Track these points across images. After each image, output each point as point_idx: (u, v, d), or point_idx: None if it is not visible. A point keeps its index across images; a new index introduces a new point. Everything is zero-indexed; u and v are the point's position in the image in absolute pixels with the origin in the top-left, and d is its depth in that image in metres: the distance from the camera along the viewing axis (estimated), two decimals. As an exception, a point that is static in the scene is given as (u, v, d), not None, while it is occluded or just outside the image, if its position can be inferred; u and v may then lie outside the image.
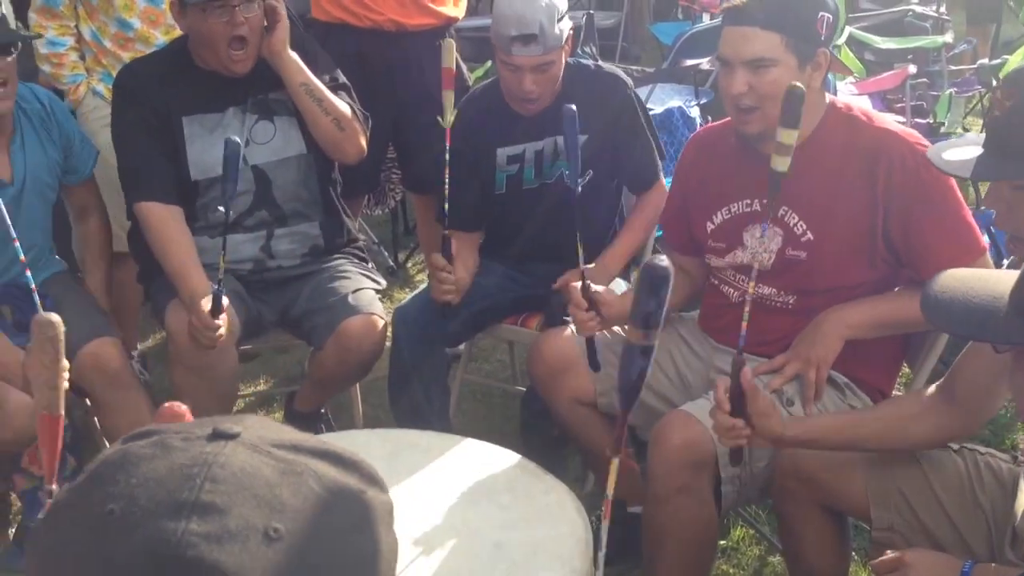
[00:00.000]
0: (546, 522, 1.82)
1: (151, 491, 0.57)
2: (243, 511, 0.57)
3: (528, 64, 2.42)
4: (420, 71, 3.12)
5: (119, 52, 2.95)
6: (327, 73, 2.63)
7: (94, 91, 2.98)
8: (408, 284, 4.10)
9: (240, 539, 0.56)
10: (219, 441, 0.61)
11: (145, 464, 0.59)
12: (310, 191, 2.65)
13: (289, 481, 0.59)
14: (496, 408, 3.21)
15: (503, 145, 2.60)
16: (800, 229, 2.03)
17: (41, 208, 2.55)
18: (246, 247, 2.59)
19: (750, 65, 1.93)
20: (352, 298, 2.54)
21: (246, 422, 0.64)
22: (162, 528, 0.55)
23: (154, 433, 0.62)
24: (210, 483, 0.57)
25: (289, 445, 0.62)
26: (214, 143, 2.50)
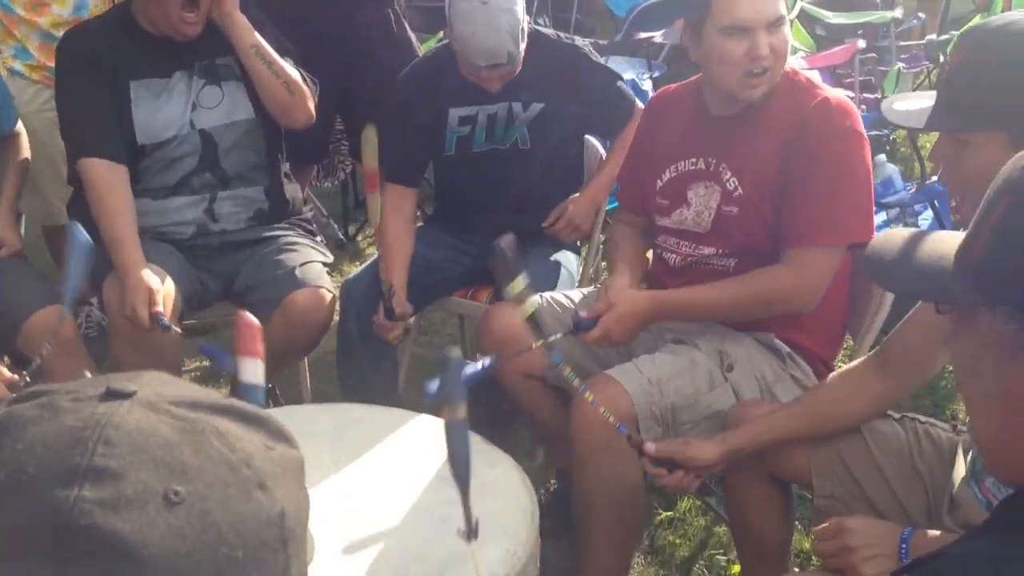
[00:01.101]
0: (491, 495, 1.81)
1: (39, 456, 0.54)
2: (140, 475, 0.54)
3: (497, 76, 2.46)
4: (368, 39, 3.08)
5: (33, 18, 2.84)
6: (275, 42, 2.58)
7: (12, 71, 2.86)
8: (358, 257, 4.07)
9: (138, 505, 0.53)
10: (113, 401, 0.58)
11: (32, 427, 0.56)
12: (257, 156, 2.61)
13: (189, 440, 0.57)
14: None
15: (456, 105, 2.58)
16: (732, 184, 2.07)
17: None
18: (189, 210, 2.55)
19: (770, 27, 1.96)
20: (299, 271, 2.50)
21: (143, 379, 0.61)
22: (53, 497, 0.53)
23: (42, 394, 0.60)
24: (103, 446, 0.55)
25: (189, 402, 0.60)
26: (160, 107, 2.47)
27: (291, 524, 0.60)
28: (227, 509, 0.56)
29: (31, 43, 2.80)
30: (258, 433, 0.61)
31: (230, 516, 0.56)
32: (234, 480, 0.57)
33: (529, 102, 2.58)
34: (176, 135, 2.49)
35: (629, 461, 1.97)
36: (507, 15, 2.36)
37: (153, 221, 2.50)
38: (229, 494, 0.57)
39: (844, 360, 2.68)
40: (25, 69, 2.82)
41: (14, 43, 2.85)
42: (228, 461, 0.58)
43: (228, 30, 2.47)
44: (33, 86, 2.64)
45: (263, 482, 0.59)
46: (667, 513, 2.53)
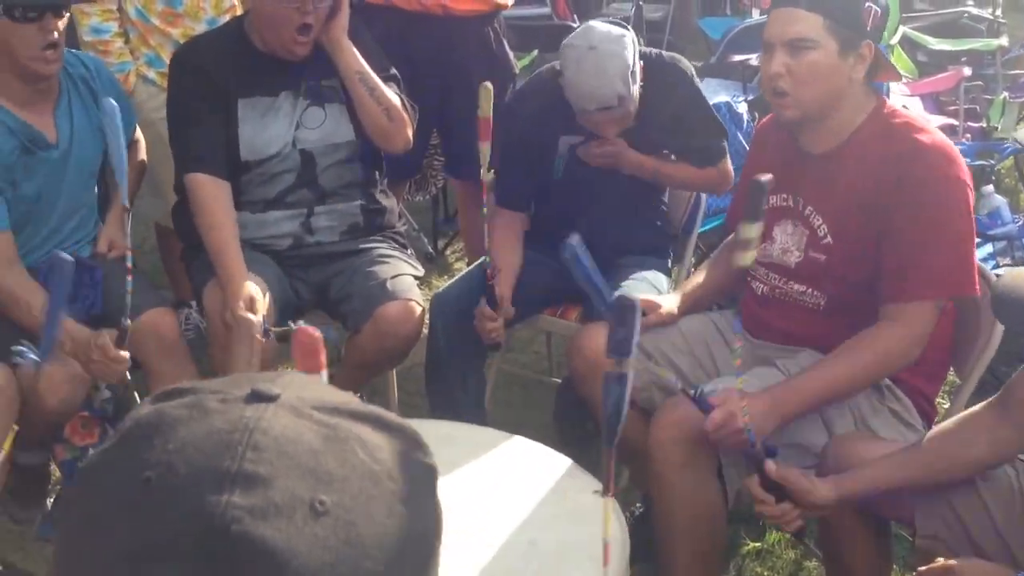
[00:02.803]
0: (580, 521, 1.80)
1: (190, 458, 0.54)
2: (288, 482, 0.53)
3: (608, 119, 2.47)
4: (466, 57, 3.10)
5: (167, 29, 2.95)
6: (379, 64, 2.62)
7: (144, 78, 2.97)
8: (446, 271, 4.09)
9: (286, 513, 0.52)
10: (258, 403, 0.57)
11: (182, 427, 0.55)
12: (354, 175, 2.66)
13: (334, 448, 0.56)
14: (532, 399, 3.19)
15: (567, 133, 2.60)
16: (822, 232, 2.02)
17: (86, 172, 2.57)
18: (286, 223, 2.60)
19: (790, 46, 1.93)
20: (391, 283, 2.53)
21: (284, 380, 0.60)
22: (204, 501, 0.52)
23: (187, 392, 0.59)
24: (252, 451, 0.54)
25: (331, 407, 0.59)
26: (266, 126, 2.53)
27: (430, 540, 0.59)
28: (371, 522, 0.55)
29: (164, 52, 2.90)
30: (396, 442, 0.59)
31: (374, 529, 0.55)
32: (377, 492, 0.56)
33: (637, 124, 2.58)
34: (278, 153, 2.55)
35: (708, 480, 1.95)
36: (616, 60, 2.37)
37: (251, 233, 2.55)
38: (373, 507, 0.55)
39: (945, 395, 2.59)
40: (157, 77, 2.92)
41: (148, 51, 2.96)
42: (372, 472, 0.56)
43: (335, 55, 2.52)
44: (163, 94, 2.73)
45: (405, 496, 0.57)
46: (754, 543, 2.47)
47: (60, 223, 2.52)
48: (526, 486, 1.90)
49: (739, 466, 1.96)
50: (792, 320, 2.10)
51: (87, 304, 2.42)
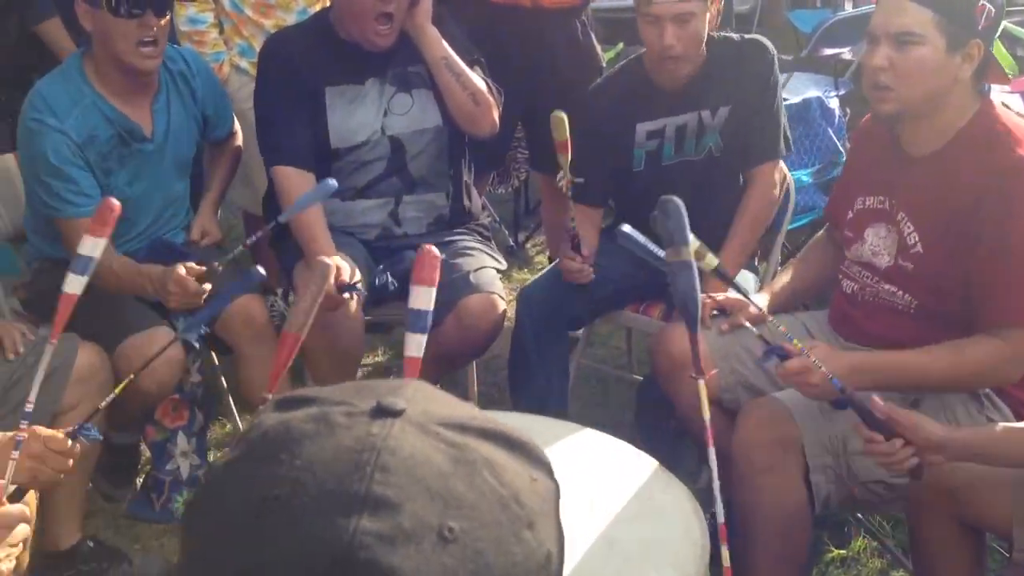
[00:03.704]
0: (661, 521, 1.78)
1: (318, 478, 0.52)
2: (416, 507, 0.52)
3: (668, 13, 2.35)
4: (553, 49, 3.09)
5: (260, 20, 3.00)
6: (464, 49, 2.63)
7: (237, 68, 3.03)
8: (527, 265, 4.09)
9: (415, 540, 0.51)
10: (384, 419, 0.55)
11: (309, 443, 0.54)
12: (442, 162, 2.68)
13: (462, 471, 0.54)
14: (611, 395, 3.17)
15: (643, 120, 2.56)
16: (912, 240, 1.95)
17: (180, 165, 2.63)
18: (375, 213, 2.63)
19: (895, 39, 1.86)
20: (474, 276, 2.54)
21: (407, 392, 0.58)
22: (333, 525, 0.50)
23: (312, 401, 0.58)
24: (381, 473, 0.52)
25: (456, 424, 0.57)
26: (353, 113, 2.56)
27: (556, 567, 0.57)
28: (500, 551, 0.53)
29: (256, 42, 2.95)
30: (521, 462, 0.58)
31: (503, 559, 0.53)
32: (505, 519, 0.54)
33: (716, 107, 2.53)
34: (368, 140, 2.58)
35: (794, 484, 1.90)
36: None
37: (340, 221, 2.59)
38: (501, 534, 0.54)
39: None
40: (249, 67, 2.98)
41: (241, 41, 3.02)
42: (500, 497, 0.55)
43: (419, 42, 2.54)
44: (254, 83, 2.79)
45: (532, 521, 0.55)
46: (839, 551, 2.41)
47: (156, 214, 2.59)
48: (608, 484, 1.88)
49: (827, 471, 1.91)
50: (881, 322, 2.04)
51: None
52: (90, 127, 2.39)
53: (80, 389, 2.21)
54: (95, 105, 2.41)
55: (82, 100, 2.40)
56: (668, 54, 2.40)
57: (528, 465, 0.58)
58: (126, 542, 2.48)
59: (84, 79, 2.42)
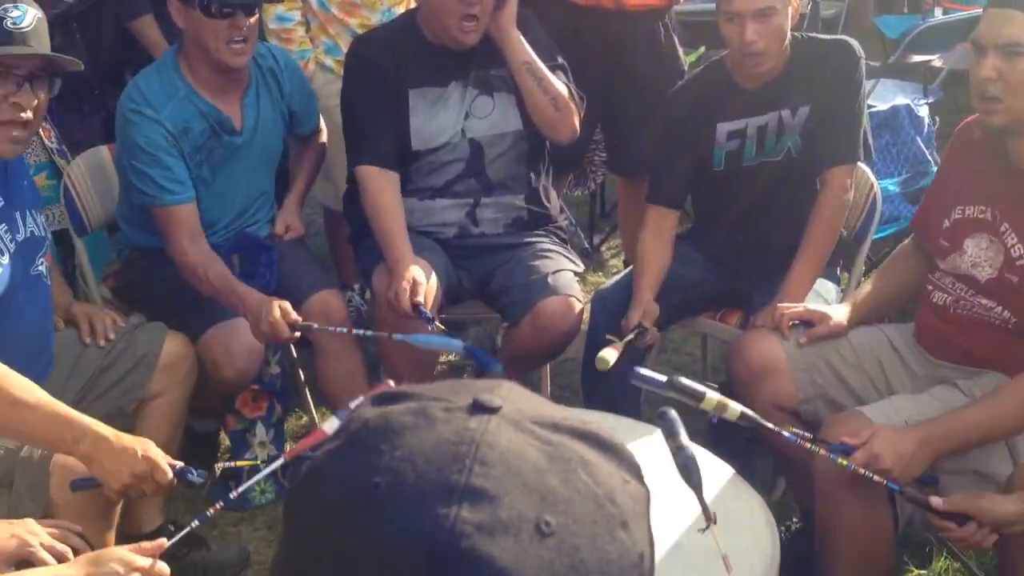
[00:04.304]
0: (733, 530, 1.75)
1: (418, 468, 0.53)
2: (514, 500, 0.52)
3: (748, 8, 2.32)
4: (635, 52, 3.07)
5: (345, 19, 3.04)
6: (547, 53, 2.63)
7: (322, 66, 3.08)
8: (602, 268, 4.08)
9: (512, 532, 0.51)
10: (481, 415, 0.56)
11: (409, 435, 0.55)
12: (521, 166, 2.69)
13: (558, 468, 0.55)
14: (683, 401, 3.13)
15: (724, 120, 2.53)
16: (1017, 252, 1.89)
17: (267, 158, 2.69)
18: (452, 212, 2.65)
19: (1003, 50, 1.81)
20: (552, 278, 2.54)
21: (502, 391, 0.59)
22: (433, 513, 0.52)
23: (410, 397, 0.59)
24: (479, 465, 0.53)
25: (550, 423, 0.57)
26: (435, 115, 2.58)
27: (648, 567, 0.57)
28: (595, 547, 0.54)
29: (342, 41, 3.01)
30: (613, 464, 0.58)
31: (597, 555, 0.53)
32: (600, 517, 0.55)
33: (796, 106, 2.49)
34: (448, 142, 2.60)
35: (877, 502, 1.86)
36: None
37: (418, 220, 2.61)
38: (596, 531, 0.54)
39: None
40: (334, 65, 3.03)
41: (327, 39, 3.07)
42: (594, 495, 0.55)
43: (503, 46, 2.55)
44: (339, 81, 2.83)
45: (625, 521, 0.56)
46: (920, 572, 2.36)
47: (242, 206, 2.65)
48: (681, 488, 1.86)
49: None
50: (976, 337, 1.99)
51: (263, 282, 2.53)
52: (184, 119, 2.46)
53: (166, 377, 2.27)
54: (189, 99, 2.48)
55: (177, 94, 2.47)
56: (749, 50, 2.37)
57: (620, 468, 0.59)
58: (204, 528, 2.53)
59: (179, 74, 2.49)
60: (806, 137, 2.51)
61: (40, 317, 2.11)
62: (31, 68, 1.87)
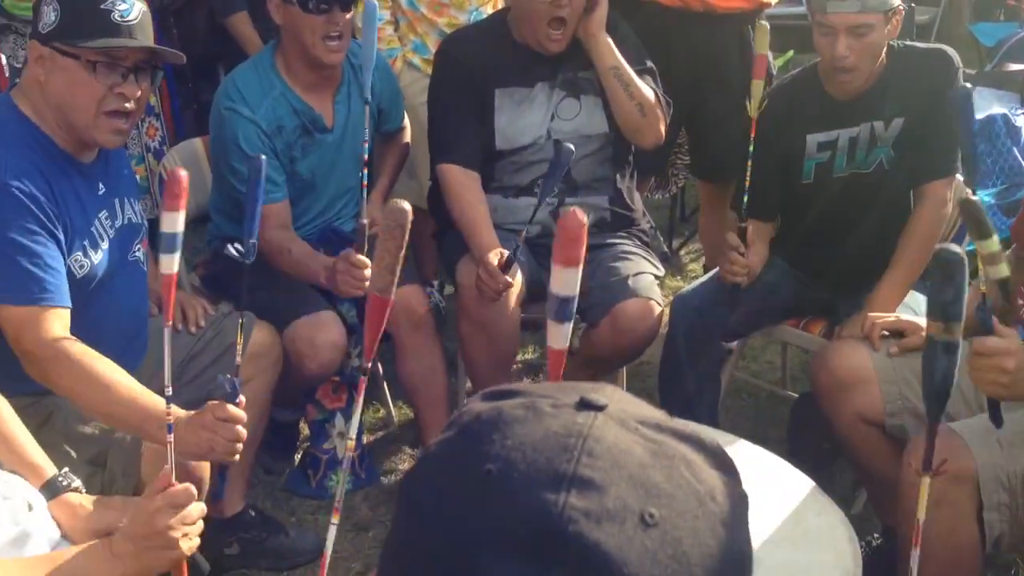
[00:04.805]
0: (812, 546, 1.73)
1: (528, 456, 0.56)
2: (619, 491, 0.54)
3: (843, 23, 2.27)
4: (724, 55, 3.04)
5: (434, 18, 3.07)
6: (635, 57, 2.62)
7: (410, 64, 3.12)
8: (680, 272, 4.05)
9: (618, 520, 0.53)
10: (588, 411, 0.58)
11: (519, 426, 0.58)
12: (605, 168, 2.68)
13: (661, 464, 0.57)
14: (762, 410, 3.10)
15: (814, 131, 2.49)
16: None
17: (356, 155, 2.73)
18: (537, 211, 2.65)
19: None
20: (632, 281, 2.54)
21: (605, 392, 0.61)
22: (543, 499, 0.54)
23: (519, 393, 0.61)
24: (587, 456, 0.55)
25: (654, 423, 0.59)
26: (521, 116, 2.59)
27: (748, 566, 0.59)
28: (697, 541, 0.55)
29: (430, 40, 3.05)
30: (714, 466, 0.60)
31: (699, 548, 0.55)
32: (701, 512, 0.56)
33: (890, 118, 2.44)
34: (532, 143, 2.61)
35: (966, 521, 1.81)
36: None
37: (501, 217, 2.63)
38: (698, 525, 0.56)
39: None
40: (421, 63, 3.07)
41: (415, 38, 3.11)
42: (696, 492, 0.57)
43: (591, 50, 2.55)
44: (425, 79, 2.87)
45: (726, 519, 0.58)
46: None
47: (329, 202, 2.70)
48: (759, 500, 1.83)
49: (1002, 509, 1.81)
50: None
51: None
52: (278, 117, 2.51)
53: (254, 365, 2.32)
54: (283, 96, 2.53)
55: (272, 91, 2.52)
56: (840, 65, 2.32)
57: (720, 470, 0.60)
58: (283, 515, 2.59)
59: (275, 71, 2.55)
60: (899, 150, 2.45)
61: (136, 302, 2.17)
62: (136, 60, 1.93)
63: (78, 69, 1.88)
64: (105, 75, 1.89)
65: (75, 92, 1.89)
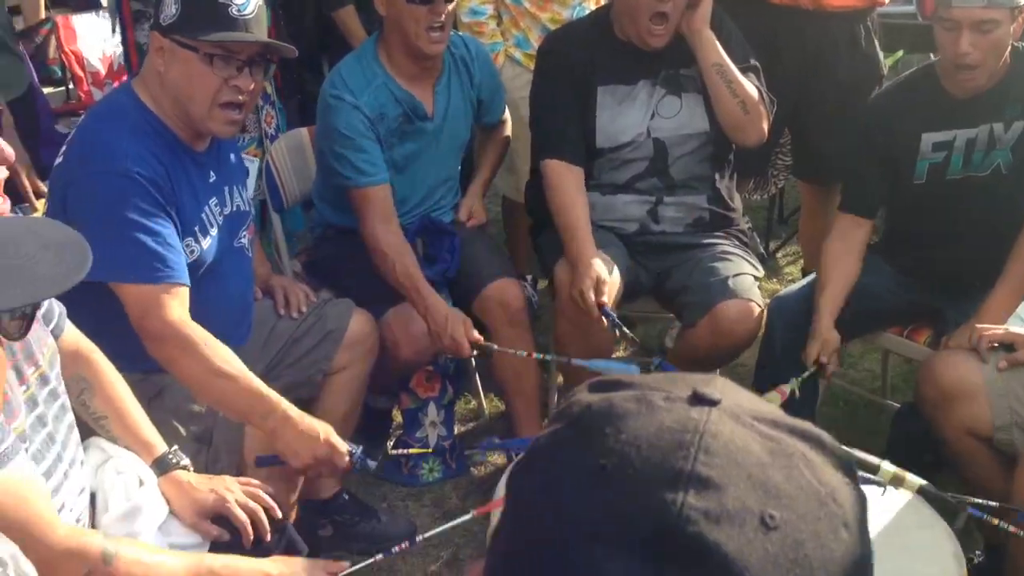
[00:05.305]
0: (915, 560, 1.68)
1: (643, 452, 0.54)
2: (738, 491, 0.53)
3: (968, 18, 2.20)
4: (833, 54, 2.97)
5: (537, 13, 3.08)
6: (740, 54, 2.58)
7: (511, 58, 3.13)
8: (776, 274, 3.97)
9: (737, 522, 0.52)
10: (702, 406, 0.56)
11: (632, 420, 0.56)
12: (705, 167, 2.65)
13: (780, 463, 0.55)
14: (859, 419, 3.02)
15: (931, 130, 2.41)
16: None
17: (455, 145, 2.76)
18: (633, 208, 2.64)
19: None
20: (732, 281, 2.50)
21: (717, 385, 0.59)
22: (660, 497, 0.52)
23: (628, 385, 0.60)
24: (704, 454, 0.54)
25: (769, 420, 0.57)
26: (622, 113, 2.58)
27: (870, 572, 0.57)
28: (819, 544, 0.53)
29: (532, 35, 3.06)
30: (833, 465, 0.57)
31: (821, 552, 0.53)
32: (823, 514, 0.54)
33: (1011, 120, 2.35)
34: (632, 140, 2.59)
35: None
36: None
37: (599, 214, 2.62)
38: (820, 528, 0.54)
39: None
40: (523, 58, 3.08)
41: (518, 32, 3.12)
42: (817, 493, 0.55)
43: (695, 46, 2.52)
44: (526, 74, 2.88)
45: (847, 521, 0.55)
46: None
47: (428, 190, 2.73)
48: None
49: None
50: None
51: (444, 267, 2.61)
52: (380, 104, 2.56)
53: (350, 353, 2.37)
54: (386, 85, 2.58)
55: (375, 80, 2.57)
56: (962, 62, 2.24)
57: (839, 469, 0.58)
58: (375, 500, 2.63)
59: (377, 61, 2.59)
60: (1018, 154, 2.36)
61: (242, 287, 2.23)
62: (250, 53, 1.98)
63: (196, 61, 1.93)
64: (221, 68, 1.94)
65: (192, 83, 1.94)
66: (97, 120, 2.01)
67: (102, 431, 1.75)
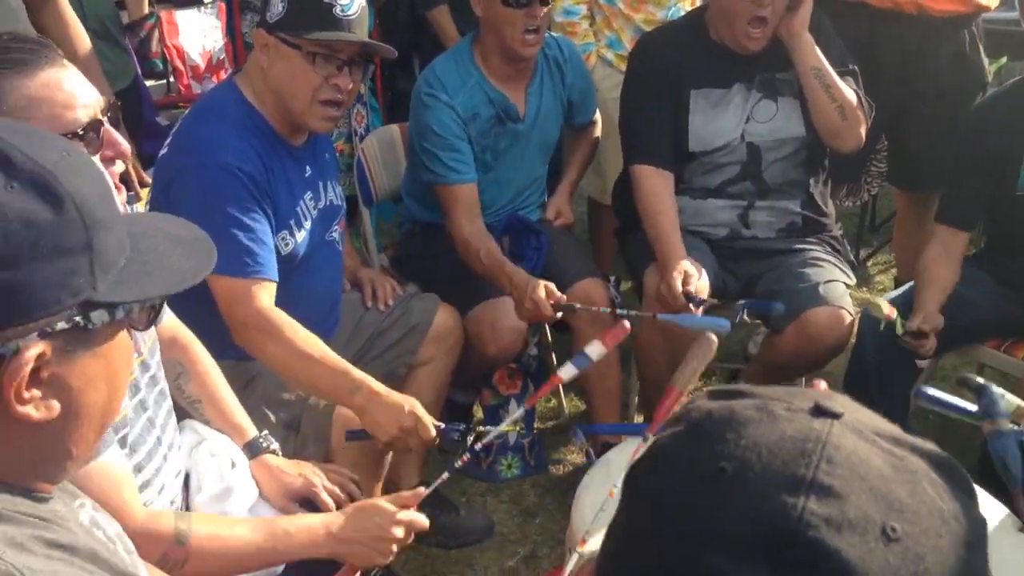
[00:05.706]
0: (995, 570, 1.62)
1: (764, 458, 0.55)
2: (860, 501, 0.53)
3: None
4: (935, 61, 2.89)
5: (631, 14, 3.06)
6: (838, 58, 2.53)
7: (603, 59, 3.13)
8: (866, 283, 3.88)
9: (859, 531, 0.52)
10: (823, 419, 0.57)
11: (753, 427, 0.57)
12: (799, 172, 2.61)
13: (903, 479, 0.55)
14: (951, 434, 2.92)
15: None
16: None
17: (545, 146, 2.77)
18: (724, 213, 2.61)
19: None
20: (823, 288, 2.46)
21: (838, 400, 0.60)
22: (781, 502, 0.53)
23: (749, 394, 0.61)
24: (826, 464, 0.54)
25: (891, 436, 0.58)
26: (716, 117, 2.55)
27: None
28: (939, 560, 0.54)
29: (625, 35, 3.05)
30: (956, 485, 0.58)
31: (941, 569, 0.54)
32: (945, 532, 0.55)
33: None
34: (726, 145, 2.56)
35: None
36: None
37: (688, 219, 2.59)
38: (941, 545, 0.54)
39: None
40: (615, 59, 3.08)
41: (610, 33, 3.12)
42: (940, 511, 0.55)
43: (793, 49, 2.48)
44: (617, 75, 2.87)
45: (970, 542, 0.56)
46: None
47: (516, 190, 2.75)
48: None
49: None
50: None
51: (531, 265, 2.61)
52: (474, 105, 2.58)
53: (434, 346, 2.40)
54: (480, 86, 2.60)
55: (469, 80, 2.59)
56: None
57: (961, 490, 0.58)
58: (454, 494, 2.66)
59: (472, 62, 2.61)
60: None
61: (332, 279, 2.28)
62: (351, 53, 2.02)
63: (299, 59, 1.98)
64: (323, 66, 1.98)
65: (294, 80, 1.99)
66: (201, 114, 2.08)
67: (196, 414, 1.80)
